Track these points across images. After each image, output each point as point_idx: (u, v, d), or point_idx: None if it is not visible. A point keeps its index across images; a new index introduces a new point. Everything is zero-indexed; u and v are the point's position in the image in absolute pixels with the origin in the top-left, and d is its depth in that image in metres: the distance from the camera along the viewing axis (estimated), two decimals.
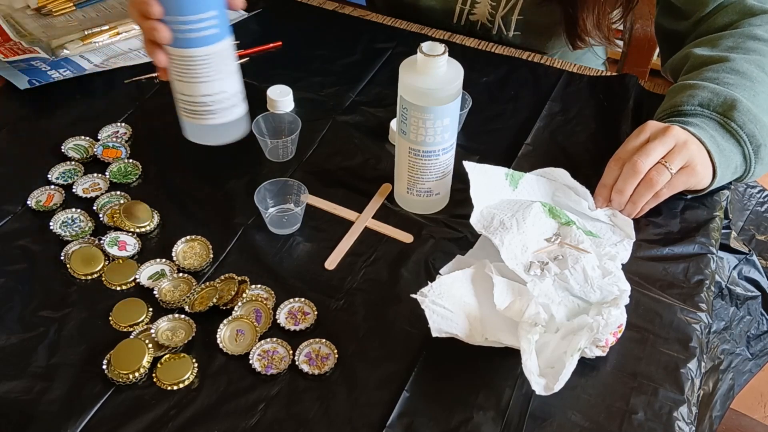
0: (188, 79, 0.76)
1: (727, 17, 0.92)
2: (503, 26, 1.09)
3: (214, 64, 0.76)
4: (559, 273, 0.72)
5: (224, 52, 0.76)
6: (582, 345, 0.65)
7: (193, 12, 0.72)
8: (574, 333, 0.67)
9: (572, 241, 0.75)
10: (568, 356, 0.64)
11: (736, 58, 0.86)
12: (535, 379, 0.62)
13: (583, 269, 0.71)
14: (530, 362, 0.62)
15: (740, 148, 0.81)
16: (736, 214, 1.06)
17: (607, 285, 0.71)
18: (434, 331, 0.66)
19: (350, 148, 0.92)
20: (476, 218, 0.76)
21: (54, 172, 0.87)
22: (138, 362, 0.67)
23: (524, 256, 0.73)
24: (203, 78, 0.76)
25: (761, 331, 0.96)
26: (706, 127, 0.81)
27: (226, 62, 0.77)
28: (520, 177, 0.82)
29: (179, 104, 0.80)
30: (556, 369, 0.64)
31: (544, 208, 0.77)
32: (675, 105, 0.84)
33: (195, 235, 0.80)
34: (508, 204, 0.78)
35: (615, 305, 0.68)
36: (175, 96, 0.80)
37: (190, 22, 0.73)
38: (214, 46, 0.75)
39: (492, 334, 0.67)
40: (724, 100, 0.81)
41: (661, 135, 0.79)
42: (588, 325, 0.66)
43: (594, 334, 0.66)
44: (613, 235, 0.80)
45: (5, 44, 1.04)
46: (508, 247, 0.72)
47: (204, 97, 0.77)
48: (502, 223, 0.75)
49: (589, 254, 0.73)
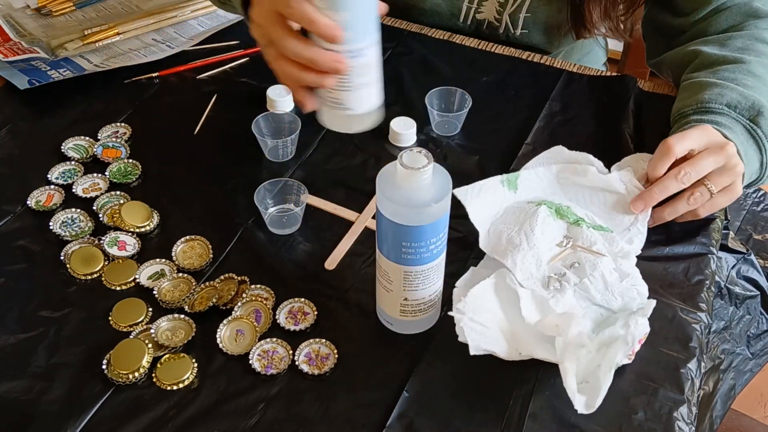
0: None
1: (731, 19, 0.91)
2: (510, 24, 1.09)
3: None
4: (579, 283, 0.71)
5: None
6: (619, 360, 0.65)
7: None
8: (608, 346, 0.66)
9: (584, 242, 0.74)
10: (605, 371, 0.63)
11: (752, 61, 0.85)
12: (576, 398, 0.62)
13: (601, 275, 0.71)
14: (571, 382, 0.62)
15: (760, 155, 0.81)
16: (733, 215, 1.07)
17: (627, 290, 0.70)
18: (473, 349, 0.65)
19: (350, 148, 0.92)
20: (484, 242, 0.75)
21: (54, 172, 0.87)
22: (138, 362, 0.67)
23: (539, 272, 0.72)
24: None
25: (761, 331, 0.96)
26: (737, 131, 0.80)
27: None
28: (517, 177, 0.81)
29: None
30: (591, 384, 0.64)
31: (550, 209, 0.76)
32: (701, 102, 0.82)
33: (195, 235, 0.80)
34: (513, 214, 0.77)
35: (642, 315, 0.67)
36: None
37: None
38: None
39: (525, 348, 0.66)
40: (752, 105, 0.81)
41: (718, 150, 0.77)
42: (621, 337, 0.66)
43: (629, 348, 0.65)
44: (626, 217, 0.78)
45: (5, 44, 1.04)
46: (521, 267, 0.71)
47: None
48: (510, 240, 0.73)
49: (604, 257, 0.72)
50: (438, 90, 0.93)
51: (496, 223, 0.77)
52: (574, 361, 0.63)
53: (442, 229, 0.64)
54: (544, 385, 0.67)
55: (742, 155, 0.78)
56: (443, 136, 0.93)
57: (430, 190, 0.61)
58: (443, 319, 0.72)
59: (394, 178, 0.61)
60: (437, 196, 0.61)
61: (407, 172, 0.59)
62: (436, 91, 0.93)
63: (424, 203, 0.61)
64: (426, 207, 0.61)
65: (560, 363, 0.64)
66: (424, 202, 0.61)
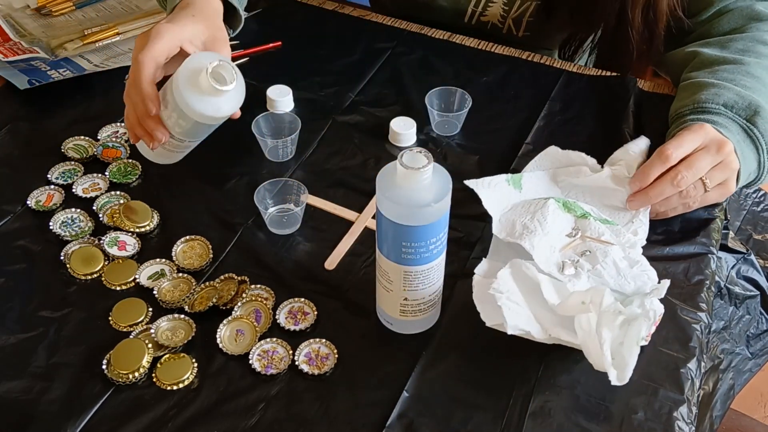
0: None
1: (734, 22, 0.92)
2: (513, 27, 1.09)
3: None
4: (592, 269, 0.72)
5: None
6: (644, 333, 0.65)
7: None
8: (629, 323, 0.67)
9: (593, 233, 0.75)
10: (630, 346, 0.64)
11: (751, 62, 0.85)
12: (611, 370, 0.63)
13: (613, 262, 0.72)
14: (608, 353, 0.63)
15: (757, 155, 0.81)
16: (733, 215, 1.07)
17: (638, 275, 0.71)
18: (511, 328, 0.65)
19: (350, 148, 0.92)
20: (497, 228, 0.76)
21: (54, 172, 0.87)
22: (138, 362, 0.67)
23: (554, 257, 0.73)
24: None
25: (761, 330, 0.96)
26: (733, 131, 0.80)
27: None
28: (520, 178, 0.82)
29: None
30: (617, 361, 0.64)
31: (558, 203, 0.77)
32: (698, 102, 0.83)
33: (195, 235, 0.80)
34: (523, 206, 0.78)
35: (656, 295, 0.69)
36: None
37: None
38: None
39: (552, 330, 0.67)
40: (749, 105, 0.81)
41: (715, 150, 0.77)
42: (642, 314, 0.67)
43: (651, 323, 0.66)
44: (626, 211, 0.79)
45: (5, 44, 1.04)
46: (538, 250, 0.72)
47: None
48: (525, 227, 0.74)
49: (614, 245, 0.73)
50: (438, 90, 0.93)
51: (506, 213, 0.77)
52: (612, 329, 0.64)
53: (442, 229, 0.64)
54: (544, 385, 0.67)
55: (738, 155, 0.79)
56: (443, 136, 0.93)
57: (430, 190, 0.61)
58: (443, 319, 0.72)
59: (394, 178, 0.61)
60: (437, 196, 0.61)
61: (407, 172, 0.59)
62: (436, 91, 0.93)
63: (424, 203, 0.61)
64: (426, 207, 0.61)
65: (596, 334, 0.64)
66: (424, 202, 0.61)
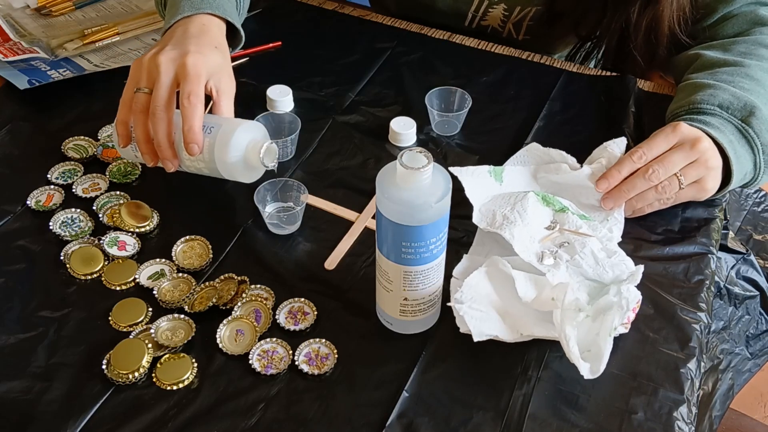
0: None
1: (738, 26, 0.92)
2: (513, 31, 1.09)
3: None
4: (571, 259, 0.72)
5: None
6: (616, 324, 0.66)
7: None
8: (603, 314, 0.68)
9: (571, 226, 0.76)
10: (604, 337, 0.65)
11: (751, 65, 0.85)
12: (581, 364, 0.64)
13: (591, 252, 0.72)
14: (575, 348, 0.64)
15: (753, 156, 0.81)
16: (733, 215, 1.07)
17: (616, 264, 0.72)
18: (476, 335, 0.66)
19: (350, 148, 0.92)
20: (477, 217, 0.76)
21: (54, 172, 0.87)
22: (137, 362, 0.67)
23: (533, 247, 0.74)
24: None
25: (760, 331, 0.96)
26: (726, 131, 0.80)
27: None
28: (502, 171, 0.83)
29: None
30: (593, 352, 0.65)
31: (537, 196, 0.78)
32: (694, 102, 0.83)
33: (195, 235, 0.80)
34: (503, 198, 0.78)
35: (633, 281, 0.70)
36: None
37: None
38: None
39: (525, 328, 0.68)
40: (744, 105, 0.81)
41: (689, 147, 0.78)
42: (616, 304, 0.67)
43: (625, 313, 0.67)
44: (602, 212, 0.80)
45: (5, 44, 1.04)
46: (518, 240, 0.73)
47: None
48: (505, 217, 0.75)
49: (591, 237, 0.74)
50: (438, 90, 0.93)
51: (487, 204, 0.78)
52: (574, 326, 0.65)
53: (442, 229, 0.64)
54: (544, 385, 0.67)
55: (731, 156, 0.79)
56: (443, 136, 0.93)
57: (430, 190, 0.61)
58: (443, 319, 0.72)
59: (394, 178, 0.61)
60: (437, 196, 0.61)
61: (407, 172, 0.59)
62: (436, 91, 0.93)
63: (424, 203, 0.61)
64: (426, 207, 0.61)
65: (560, 332, 0.65)
66: (424, 202, 0.61)
